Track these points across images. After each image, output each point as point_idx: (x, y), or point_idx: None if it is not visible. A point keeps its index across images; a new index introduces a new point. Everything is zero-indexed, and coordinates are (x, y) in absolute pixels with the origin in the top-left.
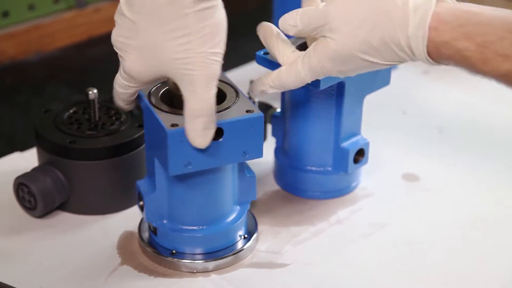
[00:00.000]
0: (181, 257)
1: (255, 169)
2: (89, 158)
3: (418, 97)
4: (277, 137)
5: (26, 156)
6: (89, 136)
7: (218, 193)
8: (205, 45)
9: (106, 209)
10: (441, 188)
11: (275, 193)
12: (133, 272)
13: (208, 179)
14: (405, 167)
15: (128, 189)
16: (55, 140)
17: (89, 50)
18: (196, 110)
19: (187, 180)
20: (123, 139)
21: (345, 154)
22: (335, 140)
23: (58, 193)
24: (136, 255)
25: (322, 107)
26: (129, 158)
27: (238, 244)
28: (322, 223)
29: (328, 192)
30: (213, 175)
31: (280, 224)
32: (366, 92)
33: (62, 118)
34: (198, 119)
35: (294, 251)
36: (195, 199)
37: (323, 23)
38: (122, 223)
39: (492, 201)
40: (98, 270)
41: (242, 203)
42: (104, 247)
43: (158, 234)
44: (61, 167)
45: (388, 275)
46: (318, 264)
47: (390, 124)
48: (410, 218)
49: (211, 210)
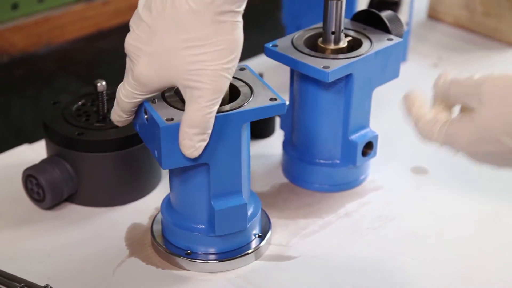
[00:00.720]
0: (195, 257)
1: (264, 162)
2: (97, 150)
3: (427, 90)
4: (285, 130)
5: (35, 148)
6: (97, 128)
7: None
8: (220, 60)
9: (114, 201)
10: (450, 182)
11: (283, 186)
12: (141, 264)
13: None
14: (414, 160)
15: (136, 181)
16: (63, 132)
17: (98, 42)
18: (194, 122)
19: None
20: (131, 132)
21: (354, 147)
22: (344, 132)
23: (66, 185)
24: (145, 247)
25: (331, 100)
26: (137, 151)
27: (252, 243)
28: (330, 216)
29: (337, 185)
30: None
31: (288, 216)
32: (375, 84)
33: (70, 110)
34: (194, 130)
35: (302, 244)
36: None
37: (475, 92)
38: (130, 215)
39: (502, 195)
40: (106, 262)
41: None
42: (112, 239)
43: (172, 233)
44: (69, 159)
45: (396, 268)
46: (326, 257)
47: (399, 117)
48: (419, 211)
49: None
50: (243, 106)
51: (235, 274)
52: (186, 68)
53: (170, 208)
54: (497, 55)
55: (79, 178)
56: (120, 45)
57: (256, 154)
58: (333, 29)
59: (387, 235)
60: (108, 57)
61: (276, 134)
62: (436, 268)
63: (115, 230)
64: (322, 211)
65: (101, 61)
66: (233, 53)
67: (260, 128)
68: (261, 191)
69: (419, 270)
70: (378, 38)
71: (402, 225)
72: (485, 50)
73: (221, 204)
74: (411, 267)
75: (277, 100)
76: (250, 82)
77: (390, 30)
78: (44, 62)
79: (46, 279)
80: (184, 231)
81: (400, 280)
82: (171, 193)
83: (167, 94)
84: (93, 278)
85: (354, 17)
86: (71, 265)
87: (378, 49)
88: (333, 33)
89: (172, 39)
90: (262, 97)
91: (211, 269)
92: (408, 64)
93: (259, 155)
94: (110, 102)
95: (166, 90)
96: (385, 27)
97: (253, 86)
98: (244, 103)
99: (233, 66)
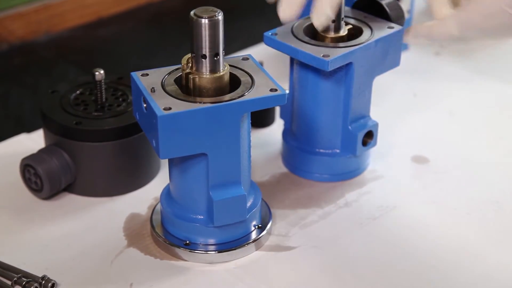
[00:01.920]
0: (194, 248)
1: (263, 151)
2: (95, 139)
3: (429, 79)
4: (285, 119)
5: (33, 137)
6: (95, 118)
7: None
8: None
9: (112, 191)
10: (450, 171)
11: (283, 175)
12: (139, 255)
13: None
14: (414, 149)
15: (135, 171)
16: (61, 121)
17: (98, 30)
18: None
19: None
20: (129, 121)
21: (354, 136)
22: (344, 122)
23: (64, 174)
24: (143, 238)
25: (331, 89)
26: (135, 140)
27: (252, 234)
28: (330, 206)
29: (337, 174)
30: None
31: (287, 206)
32: (376, 73)
33: (68, 99)
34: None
35: (301, 234)
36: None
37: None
38: (129, 205)
39: (502, 185)
40: (104, 252)
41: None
42: (111, 229)
43: (171, 224)
44: (67, 149)
45: (396, 258)
46: (325, 247)
47: (400, 106)
48: (419, 201)
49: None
50: (243, 96)
51: (234, 265)
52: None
53: (169, 198)
54: (500, 44)
55: (77, 167)
56: (120, 33)
57: (256, 144)
58: (333, 18)
59: (387, 225)
60: (108, 45)
61: (277, 123)
62: (437, 258)
63: (113, 220)
64: (322, 201)
65: (101, 49)
66: None
67: (260, 117)
68: (261, 181)
69: (419, 259)
70: (378, 26)
71: (402, 215)
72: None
73: (219, 194)
74: (411, 256)
75: (278, 91)
76: (251, 72)
77: (391, 18)
78: (43, 50)
79: (43, 269)
80: (183, 221)
81: (400, 270)
82: (170, 183)
83: (167, 83)
84: (91, 268)
85: (354, 5)
86: (69, 255)
87: (378, 37)
88: (333, 22)
89: None
90: (263, 87)
91: (210, 260)
92: (410, 52)
93: (259, 144)
94: (108, 91)
95: (166, 80)
96: (386, 15)
97: (254, 76)
98: (245, 93)
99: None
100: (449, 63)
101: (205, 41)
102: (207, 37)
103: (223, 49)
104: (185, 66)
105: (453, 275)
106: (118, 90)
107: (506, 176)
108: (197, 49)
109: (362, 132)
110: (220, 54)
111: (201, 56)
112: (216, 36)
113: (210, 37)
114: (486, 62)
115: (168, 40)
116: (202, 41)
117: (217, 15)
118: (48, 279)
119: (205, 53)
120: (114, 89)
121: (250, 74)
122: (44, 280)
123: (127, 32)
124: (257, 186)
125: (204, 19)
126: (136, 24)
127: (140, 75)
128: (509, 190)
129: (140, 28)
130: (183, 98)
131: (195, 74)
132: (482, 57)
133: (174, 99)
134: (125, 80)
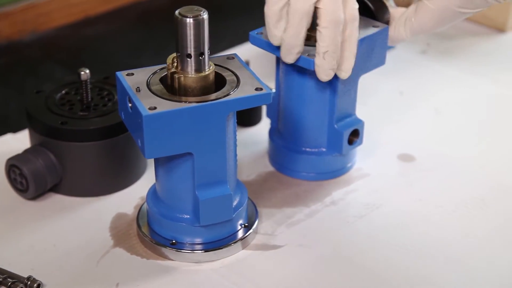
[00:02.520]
0: (181, 247)
1: (250, 150)
2: (81, 139)
3: (415, 77)
4: (272, 118)
5: (19, 137)
6: (81, 117)
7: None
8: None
9: (98, 191)
10: (436, 169)
11: (269, 174)
12: (126, 255)
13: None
14: (401, 147)
15: (121, 170)
16: (46, 121)
17: (85, 29)
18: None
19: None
20: (115, 120)
21: (339, 135)
22: (329, 121)
23: (50, 175)
24: (130, 237)
25: (316, 88)
26: (121, 140)
27: (238, 233)
28: (316, 205)
29: (323, 173)
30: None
31: (274, 205)
32: (361, 72)
33: (54, 99)
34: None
35: (288, 233)
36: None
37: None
38: (115, 205)
39: (488, 182)
40: (90, 252)
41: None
42: (97, 229)
43: (158, 223)
44: (53, 149)
45: (383, 256)
46: (312, 246)
47: (386, 104)
48: (406, 198)
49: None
50: (228, 95)
51: (221, 264)
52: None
53: (155, 198)
54: (486, 41)
55: (63, 167)
56: (107, 32)
57: (242, 143)
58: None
59: (374, 223)
60: (95, 44)
61: (263, 122)
62: (423, 256)
63: (99, 220)
64: (308, 199)
65: (87, 48)
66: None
67: (247, 116)
68: (247, 180)
69: (406, 257)
70: (364, 25)
71: (389, 213)
72: (474, 37)
73: (205, 194)
74: (398, 254)
75: (263, 90)
76: (237, 71)
77: (376, 16)
78: (29, 49)
79: (29, 270)
80: (169, 221)
81: (387, 268)
82: (156, 182)
83: (152, 82)
84: (77, 268)
85: None
86: (55, 255)
87: (363, 36)
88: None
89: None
90: (248, 86)
91: (197, 259)
92: (397, 51)
93: (245, 143)
94: (94, 90)
95: (151, 79)
96: (371, 13)
97: (239, 76)
98: (230, 92)
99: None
100: (436, 61)
101: (190, 41)
102: (192, 36)
103: (208, 48)
104: (170, 65)
105: (439, 271)
106: (104, 90)
107: (491, 173)
108: (182, 49)
109: (348, 130)
110: (205, 53)
111: (186, 55)
112: (201, 35)
113: (195, 36)
114: (472, 60)
115: (155, 40)
116: (187, 40)
117: (202, 15)
118: (34, 279)
119: (190, 53)
120: (100, 89)
121: (236, 73)
122: (30, 281)
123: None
124: (244, 185)
125: (189, 18)
126: (123, 23)
127: (125, 75)
128: (494, 187)
129: (127, 27)
130: (169, 97)
131: (180, 73)
132: (468, 55)
133: (159, 99)
134: (111, 79)
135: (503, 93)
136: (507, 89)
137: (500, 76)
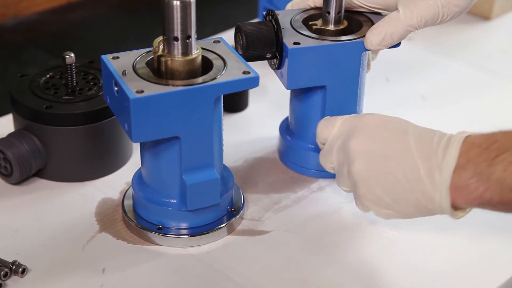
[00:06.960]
0: (167, 232)
1: (237, 136)
2: (66, 123)
3: (401, 64)
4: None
5: (3, 122)
6: (65, 102)
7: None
8: None
9: (84, 176)
10: None
11: (256, 160)
12: (111, 240)
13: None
14: None
15: (106, 155)
16: (31, 105)
17: (68, 14)
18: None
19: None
20: (100, 105)
21: None
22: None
23: (35, 159)
24: (115, 223)
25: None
26: (107, 124)
27: (224, 218)
28: (303, 190)
29: (310, 169)
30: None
31: (261, 191)
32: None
33: (38, 83)
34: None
35: (275, 218)
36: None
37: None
38: (100, 190)
39: None
40: (76, 237)
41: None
42: (82, 214)
43: (144, 208)
44: (37, 133)
45: (370, 241)
46: (299, 231)
47: (373, 91)
48: None
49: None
50: (215, 79)
51: (207, 249)
52: None
53: (141, 183)
54: (472, 28)
55: (47, 152)
56: (90, 17)
57: (229, 128)
58: (335, 10)
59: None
60: (78, 29)
61: (250, 107)
62: (410, 239)
63: (85, 205)
64: (295, 185)
65: (71, 33)
66: None
67: (234, 102)
68: (234, 166)
69: (392, 241)
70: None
71: None
72: (459, 24)
73: (193, 178)
74: (385, 238)
75: (250, 74)
76: (223, 55)
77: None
78: (11, 34)
79: (14, 255)
80: (155, 205)
81: (373, 253)
82: (142, 167)
83: (138, 66)
84: (62, 253)
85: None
86: (40, 240)
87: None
88: (339, 14)
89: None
90: (235, 70)
91: (183, 244)
92: None
93: (232, 129)
94: (79, 74)
95: (137, 63)
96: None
97: (226, 59)
98: (217, 76)
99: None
100: (422, 48)
101: (177, 24)
102: (179, 19)
103: (195, 31)
104: (157, 48)
105: (424, 258)
106: (89, 74)
107: None
108: (169, 31)
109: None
110: (192, 36)
111: (173, 38)
112: (188, 18)
113: (182, 19)
114: (459, 48)
115: (139, 25)
116: (173, 23)
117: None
118: (19, 264)
119: (177, 36)
120: (85, 73)
121: (223, 57)
122: (15, 265)
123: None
124: (230, 170)
125: (176, 1)
126: (106, 8)
127: (110, 58)
128: None
129: (111, 12)
130: (155, 81)
131: (167, 56)
132: (454, 42)
133: (146, 82)
134: (96, 64)
135: (488, 80)
136: (492, 76)
137: (486, 63)
